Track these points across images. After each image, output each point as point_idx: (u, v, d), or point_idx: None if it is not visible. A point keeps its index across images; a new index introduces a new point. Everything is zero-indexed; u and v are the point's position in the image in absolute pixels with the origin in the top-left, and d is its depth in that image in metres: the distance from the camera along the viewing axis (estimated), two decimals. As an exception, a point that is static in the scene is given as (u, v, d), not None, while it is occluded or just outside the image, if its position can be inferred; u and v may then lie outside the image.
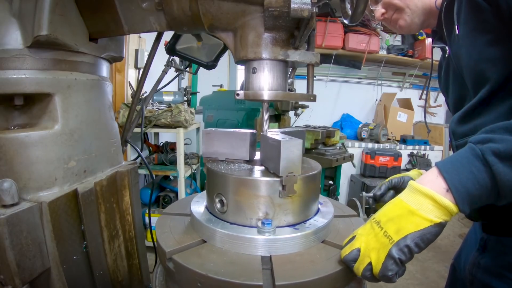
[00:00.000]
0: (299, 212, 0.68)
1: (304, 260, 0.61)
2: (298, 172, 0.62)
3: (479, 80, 0.77)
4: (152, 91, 1.64)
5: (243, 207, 0.66)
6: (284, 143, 0.61)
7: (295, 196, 0.65)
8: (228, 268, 0.57)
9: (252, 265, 0.59)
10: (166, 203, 3.00)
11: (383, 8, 1.04)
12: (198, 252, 0.63)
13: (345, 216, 0.82)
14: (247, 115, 3.17)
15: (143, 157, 1.19)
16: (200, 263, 0.58)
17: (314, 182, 0.70)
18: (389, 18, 1.04)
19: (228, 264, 0.59)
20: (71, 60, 0.78)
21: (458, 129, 0.87)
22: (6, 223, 0.59)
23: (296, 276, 0.55)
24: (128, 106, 2.57)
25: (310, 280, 0.55)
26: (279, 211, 0.65)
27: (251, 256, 0.62)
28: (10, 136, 0.68)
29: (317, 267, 0.59)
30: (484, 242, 0.89)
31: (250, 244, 0.62)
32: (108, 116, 0.92)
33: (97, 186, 0.83)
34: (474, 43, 0.77)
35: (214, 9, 0.67)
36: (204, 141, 0.78)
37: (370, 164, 4.09)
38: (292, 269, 0.58)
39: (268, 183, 0.64)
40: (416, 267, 3.03)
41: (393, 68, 5.33)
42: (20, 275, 0.62)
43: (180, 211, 0.80)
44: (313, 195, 0.71)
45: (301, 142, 0.62)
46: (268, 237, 0.62)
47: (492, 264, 0.84)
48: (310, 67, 0.72)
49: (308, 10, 0.55)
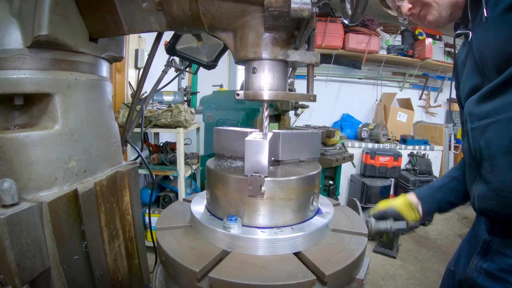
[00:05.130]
0: (270, 215, 0.65)
1: (250, 264, 0.59)
2: (264, 173, 0.61)
3: (505, 60, 0.75)
4: (152, 91, 1.63)
5: (219, 201, 0.70)
6: (249, 142, 0.60)
7: (268, 199, 0.64)
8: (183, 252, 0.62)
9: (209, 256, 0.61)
10: (166, 203, 3.00)
11: (409, 3, 1.01)
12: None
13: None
14: (247, 115, 3.17)
15: (143, 157, 1.19)
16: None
17: (295, 187, 0.67)
18: (416, 13, 1.02)
19: (188, 249, 0.64)
20: (71, 60, 0.78)
21: (476, 110, 0.83)
22: (6, 223, 0.59)
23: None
24: (128, 106, 2.57)
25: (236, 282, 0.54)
26: (249, 210, 0.66)
27: (215, 247, 0.64)
28: (10, 136, 0.68)
29: (261, 274, 0.56)
30: (487, 244, 0.88)
31: (214, 236, 0.65)
32: (108, 116, 0.92)
33: (97, 186, 0.83)
34: (505, 23, 0.75)
35: (214, 9, 0.67)
36: (214, 138, 0.83)
37: (370, 164, 4.09)
38: (236, 268, 0.57)
39: (236, 180, 0.65)
40: (416, 267, 3.03)
41: (393, 68, 5.33)
42: (20, 275, 0.62)
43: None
44: (298, 199, 0.67)
45: (267, 143, 0.60)
46: (227, 233, 0.63)
47: (495, 268, 0.83)
48: (310, 67, 0.72)
49: (308, 10, 0.55)
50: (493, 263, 0.84)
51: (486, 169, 0.82)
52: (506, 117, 0.75)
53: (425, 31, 4.97)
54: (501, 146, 0.77)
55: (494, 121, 0.78)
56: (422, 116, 5.56)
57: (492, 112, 0.78)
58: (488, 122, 0.79)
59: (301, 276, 0.55)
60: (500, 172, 0.79)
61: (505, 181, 0.78)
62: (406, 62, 5.04)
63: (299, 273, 0.56)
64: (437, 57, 5.11)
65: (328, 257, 0.62)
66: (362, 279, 0.66)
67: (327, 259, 0.61)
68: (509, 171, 0.77)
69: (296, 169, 0.73)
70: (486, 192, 0.83)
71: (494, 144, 0.78)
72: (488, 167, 0.81)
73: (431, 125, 5.13)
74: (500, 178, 0.79)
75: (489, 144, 0.79)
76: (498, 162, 0.78)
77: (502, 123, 0.76)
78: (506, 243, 0.83)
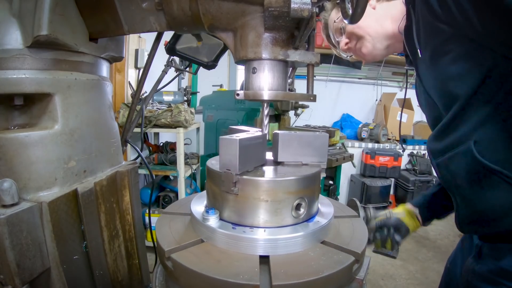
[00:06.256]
0: (240, 213, 0.65)
1: (211, 256, 0.62)
2: (235, 170, 0.62)
3: (449, 98, 0.78)
4: (152, 91, 1.64)
5: (209, 195, 0.73)
6: (222, 140, 0.62)
7: (242, 197, 0.64)
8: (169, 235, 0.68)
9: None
10: (166, 203, 3.00)
11: (346, 38, 1.07)
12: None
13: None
14: (247, 115, 3.17)
15: (143, 157, 1.19)
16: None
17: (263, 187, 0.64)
18: (352, 47, 1.08)
19: (174, 232, 0.69)
20: (71, 60, 0.78)
21: (434, 147, 0.87)
22: (6, 223, 0.59)
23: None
24: (128, 106, 2.57)
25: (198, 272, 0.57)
26: (226, 205, 0.67)
27: (196, 235, 0.68)
28: (10, 136, 0.68)
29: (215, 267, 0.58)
30: (479, 248, 0.89)
31: (197, 227, 0.69)
32: (108, 116, 0.92)
33: (97, 186, 0.83)
34: (437, 65, 0.77)
35: (214, 9, 0.67)
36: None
37: (370, 164, 4.09)
38: (196, 256, 0.61)
39: (217, 174, 0.66)
40: (416, 267, 3.03)
41: (393, 68, 5.32)
42: (20, 275, 0.62)
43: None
44: (274, 202, 0.65)
45: (237, 141, 0.61)
46: (203, 224, 0.66)
47: (487, 271, 0.83)
48: (310, 67, 0.72)
49: (308, 10, 0.55)
50: (485, 265, 0.85)
51: (459, 199, 0.85)
52: (461, 150, 0.77)
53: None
54: (464, 177, 0.79)
55: (453, 155, 0.80)
56: (422, 116, 5.56)
57: (449, 147, 0.80)
58: (449, 156, 0.81)
59: (247, 278, 0.53)
60: (471, 201, 0.82)
61: (477, 209, 0.81)
62: (406, 62, 5.04)
63: (247, 274, 0.54)
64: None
65: (288, 269, 0.57)
66: (362, 279, 0.65)
67: (286, 270, 0.56)
68: (478, 200, 0.79)
69: (288, 171, 0.70)
70: (465, 219, 0.87)
71: (459, 176, 0.81)
72: (459, 198, 0.85)
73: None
74: (473, 207, 0.82)
75: (455, 177, 0.82)
76: (467, 192, 0.81)
77: (460, 156, 0.78)
78: (495, 247, 0.84)
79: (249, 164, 0.66)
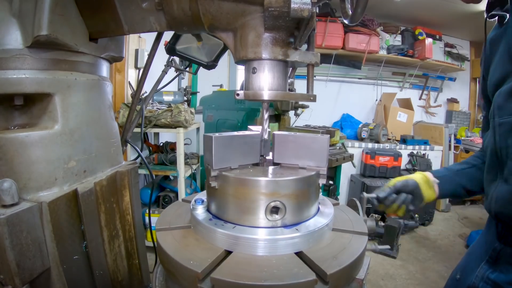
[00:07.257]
0: (218, 206, 0.69)
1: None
2: (211, 165, 0.66)
3: None
4: (152, 91, 1.64)
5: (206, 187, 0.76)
6: (203, 136, 0.69)
7: (220, 192, 0.67)
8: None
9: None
10: (166, 203, 3.00)
11: None
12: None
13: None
14: (247, 115, 3.17)
15: (143, 157, 1.19)
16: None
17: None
18: None
19: (175, 215, 0.77)
20: (71, 60, 0.78)
21: (507, 104, 0.75)
22: (6, 223, 0.59)
23: None
24: (128, 106, 2.57)
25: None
26: (210, 198, 0.71)
27: (184, 221, 0.74)
28: (10, 136, 0.68)
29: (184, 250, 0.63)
30: (497, 253, 0.81)
31: (192, 216, 0.72)
32: (108, 116, 0.92)
33: (97, 186, 0.83)
34: None
35: (214, 9, 0.67)
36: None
37: (370, 164, 4.10)
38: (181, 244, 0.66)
39: (208, 170, 0.69)
40: (416, 267, 3.03)
41: (393, 68, 5.33)
42: (20, 275, 0.62)
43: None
44: (251, 202, 0.64)
45: (213, 138, 0.65)
46: (192, 213, 0.71)
47: (504, 281, 0.76)
48: (310, 67, 0.72)
49: (308, 10, 0.55)
50: (502, 274, 0.78)
51: (510, 170, 0.75)
52: None
53: (425, 31, 4.97)
54: None
55: None
56: (422, 116, 5.57)
57: None
58: None
59: (195, 265, 0.58)
60: None
61: None
62: (406, 62, 5.05)
63: (198, 262, 0.58)
64: (437, 57, 5.11)
65: (239, 267, 0.57)
66: (362, 279, 0.65)
67: (236, 268, 0.56)
68: None
69: (276, 172, 0.69)
70: (506, 195, 0.76)
71: None
72: (508, 169, 0.75)
73: (431, 125, 5.13)
74: None
75: None
76: None
77: None
78: None
79: (232, 161, 0.69)
